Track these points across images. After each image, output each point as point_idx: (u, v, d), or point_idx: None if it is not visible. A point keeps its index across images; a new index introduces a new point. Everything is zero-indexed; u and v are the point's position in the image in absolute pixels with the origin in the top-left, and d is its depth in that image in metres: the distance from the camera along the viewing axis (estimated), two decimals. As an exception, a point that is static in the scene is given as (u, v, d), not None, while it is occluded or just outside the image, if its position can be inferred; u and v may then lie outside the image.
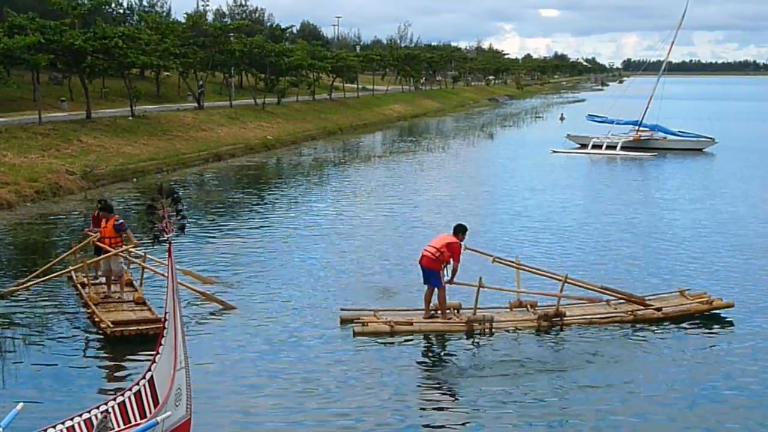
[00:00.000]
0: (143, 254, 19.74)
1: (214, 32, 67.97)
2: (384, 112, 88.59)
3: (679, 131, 60.21)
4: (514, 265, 19.18)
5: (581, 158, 54.13)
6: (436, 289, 17.80)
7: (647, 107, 60.20)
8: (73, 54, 46.56)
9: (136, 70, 63.34)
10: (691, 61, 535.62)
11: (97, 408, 11.00)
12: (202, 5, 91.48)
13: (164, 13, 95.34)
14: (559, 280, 18.45)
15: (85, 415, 10.83)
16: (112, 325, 16.47)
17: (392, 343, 16.82)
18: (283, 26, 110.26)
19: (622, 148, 56.78)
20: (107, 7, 63.28)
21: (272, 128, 60.84)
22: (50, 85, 61.14)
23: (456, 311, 18.20)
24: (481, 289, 17.82)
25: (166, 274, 18.85)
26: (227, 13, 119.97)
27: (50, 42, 44.32)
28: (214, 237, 26.68)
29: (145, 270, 19.36)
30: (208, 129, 53.76)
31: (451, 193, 37.34)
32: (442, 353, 16.71)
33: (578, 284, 18.93)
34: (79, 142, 41.19)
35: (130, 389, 11.23)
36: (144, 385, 11.17)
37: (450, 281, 17.90)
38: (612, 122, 61.18)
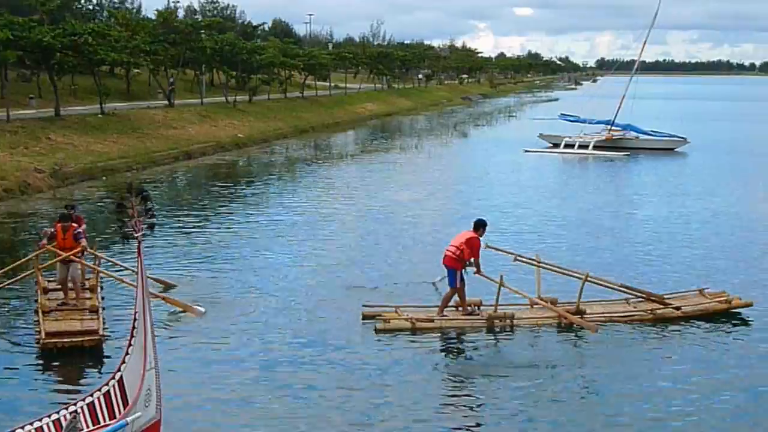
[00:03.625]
0: (96, 257, 19.31)
1: (185, 29, 67.47)
2: (356, 111, 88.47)
3: (652, 131, 60.36)
4: (534, 263, 19.22)
5: (554, 158, 54.19)
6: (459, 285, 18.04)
7: (620, 107, 60.36)
8: (42, 51, 46.05)
9: (105, 68, 62.88)
10: (665, 60, 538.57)
11: (66, 408, 10.87)
12: (173, 2, 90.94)
13: (134, 10, 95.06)
14: (580, 278, 18.45)
15: (54, 416, 10.72)
16: (45, 337, 15.80)
17: (414, 339, 16.95)
18: (254, 23, 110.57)
19: (595, 147, 56.85)
20: (76, 3, 62.71)
21: (244, 126, 60.57)
22: (18, 83, 60.44)
23: (477, 307, 18.36)
24: (502, 286, 17.83)
25: (120, 278, 18.70)
26: (198, 10, 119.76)
27: (19, 38, 43.80)
28: (185, 236, 26.40)
29: (105, 275, 19.04)
30: (178, 127, 53.44)
31: (424, 192, 37.22)
32: (463, 350, 16.80)
33: (599, 282, 18.93)
34: (48, 140, 40.78)
35: (100, 389, 11.08)
36: (114, 386, 11.02)
37: (477, 272, 18.09)
38: (584, 121, 61.20)
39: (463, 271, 18.03)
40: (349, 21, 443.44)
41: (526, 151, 55.82)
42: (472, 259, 18.01)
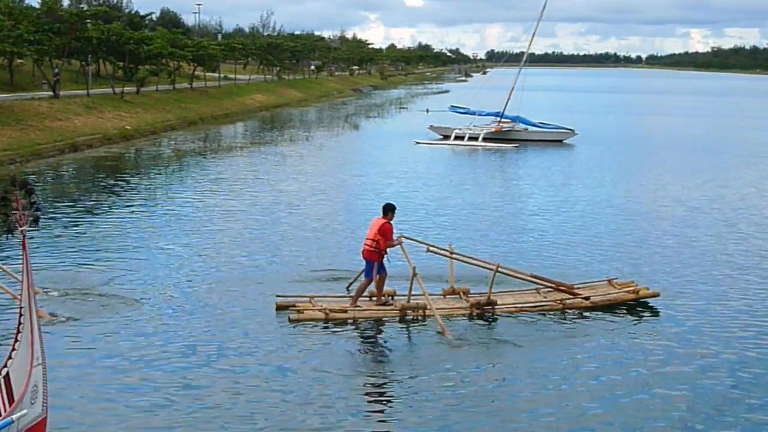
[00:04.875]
0: None
1: (70, 18, 65.81)
2: (246, 102, 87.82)
3: (540, 123, 61.41)
4: (447, 254, 19.39)
5: (444, 149, 54.72)
6: (376, 277, 18.11)
7: (509, 99, 61.13)
8: None
9: (-13, 57, 61.16)
10: (553, 52, 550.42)
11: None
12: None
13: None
14: (491, 268, 18.78)
15: (-63, 414, 10.31)
16: None
17: (327, 329, 17.00)
18: (142, 13, 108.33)
19: (484, 139, 57.60)
20: (-44, -9, 60.83)
21: (131, 118, 59.52)
22: None
23: (390, 298, 18.49)
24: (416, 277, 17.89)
25: None
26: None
27: None
28: (72, 230, 25.92)
29: None
30: (64, 119, 52.18)
31: (317, 183, 37.28)
32: (375, 340, 16.90)
33: (509, 273, 19.26)
34: (-73, 132, 39.46)
35: (-15, 386, 10.71)
36: (-1, 382, 10.67)
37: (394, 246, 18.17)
38: (474, 113, 62.05)
39: (384, 260, 18.14)
40: (239, 11, 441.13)
41: (417, 142, 56.26)
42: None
